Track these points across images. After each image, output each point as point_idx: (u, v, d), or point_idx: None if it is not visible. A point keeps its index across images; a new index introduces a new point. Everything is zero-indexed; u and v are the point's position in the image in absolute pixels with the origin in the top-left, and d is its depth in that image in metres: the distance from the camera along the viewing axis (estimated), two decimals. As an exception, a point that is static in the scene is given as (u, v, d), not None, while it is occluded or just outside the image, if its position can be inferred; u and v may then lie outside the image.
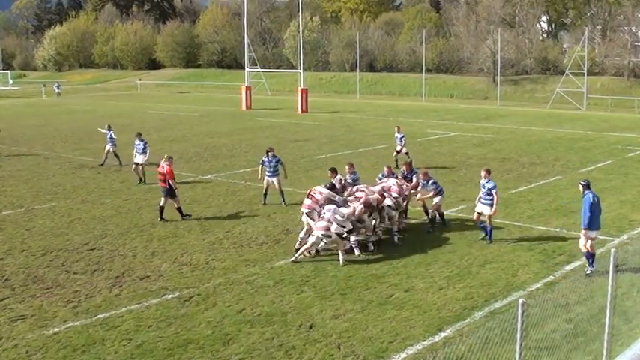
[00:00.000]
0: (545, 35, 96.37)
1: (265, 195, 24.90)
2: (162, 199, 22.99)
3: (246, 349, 13.32)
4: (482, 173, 19.92)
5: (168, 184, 22.76)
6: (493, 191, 19.45)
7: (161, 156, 24.78)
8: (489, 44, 77.69)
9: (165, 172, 22.78)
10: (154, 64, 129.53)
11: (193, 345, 13.55)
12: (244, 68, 73.05)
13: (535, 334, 12.92)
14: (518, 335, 9.67)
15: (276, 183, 24.72)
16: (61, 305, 15.80)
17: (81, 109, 69.54)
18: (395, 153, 32.52)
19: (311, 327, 14.24)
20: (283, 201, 24.56)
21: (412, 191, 21.70)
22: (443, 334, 13.82)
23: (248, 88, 67.31)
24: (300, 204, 19.92)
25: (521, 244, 19.69)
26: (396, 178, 21.51)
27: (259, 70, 77.67)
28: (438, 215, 21.58)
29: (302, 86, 63.52)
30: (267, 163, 24.83)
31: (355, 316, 14.71)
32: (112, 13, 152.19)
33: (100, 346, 13.68)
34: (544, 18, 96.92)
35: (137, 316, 15.00)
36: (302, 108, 61.23)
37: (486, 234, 19.94)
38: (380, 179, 21.67)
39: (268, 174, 24.73)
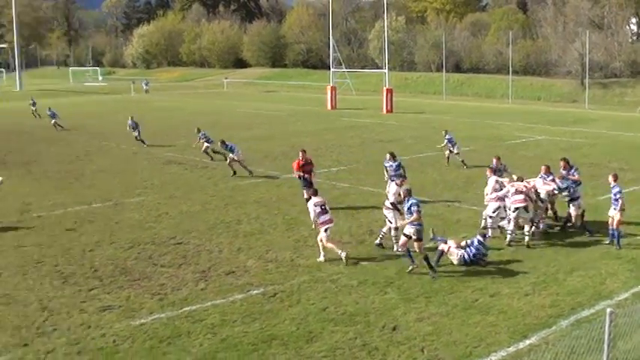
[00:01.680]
0: (635, 37, 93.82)
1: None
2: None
3: (330, 347, 13.36)
4: (610, 178, 19.68)
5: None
6: (618, 196, 19.16)
7: (247, 153, 25.07)
8: (577, 46, 75.92)
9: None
10: (241, 63, 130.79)
11: (277, 341, 13.66)
12: (329, 68, 73.18)
13: (623, 345, 12.58)
14: (606, 346, 9.47)
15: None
16: (147, 297, 16.14)
17: (168, 106, 70.78)
18: (447, 152, 32.57)
19: (394, 329, 14.20)
20: None
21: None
22: (528, 342, 13.60)
23: (333, 88, 67.44)
24: (382, 206, 19.87)
25: (610, 252, 19.21)
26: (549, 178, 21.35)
27: (344, 70, 77.72)
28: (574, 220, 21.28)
29: (387, 86, 63.36)
30: (389, 167, 24.96)
31: (439, 320, 14.60)
32: (199, 12, 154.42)
33: (186, 338, 13.92)
34: (633, 20, 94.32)
35: (222, 311, 15.20)
36: (387, 108, 61.08)
37: (614, 239, 19.53)
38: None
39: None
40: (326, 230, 18.53)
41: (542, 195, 20.96)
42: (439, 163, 32.58)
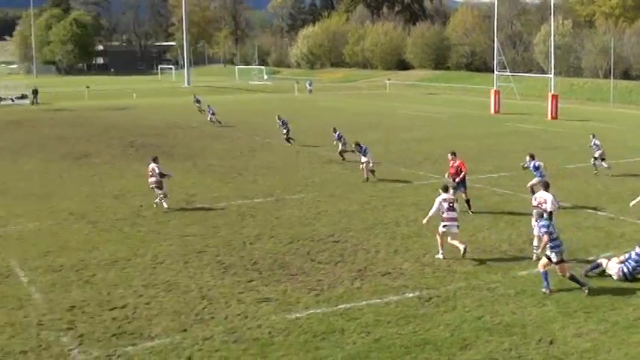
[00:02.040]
0: None
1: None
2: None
3: (484, 357, 13.11)
4: None
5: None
6: None
7: (406, 155, 25.02)
8: None
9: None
10: (403, 65, 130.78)
11: (430, 346, 13.53)
12: (493, 72, 71.98)
13: None
14: None
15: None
16: (304, 292, 16.37)
17: (331, 106, 71.61)
18: (592, 159, 31.52)
19: (551, 343, 13.75)
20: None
21: None
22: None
23: (497, 92, 66.25)
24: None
25: None
26: None
27: (509, 74, 76.25)
28: None
29: (552, 92, 61.61)
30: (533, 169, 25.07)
31: (598, 337, 14.00)
32: (362, 13, 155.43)
33: (340, 335, 14.02)
34: None
35: (377, 311, 15.21)
36: (552, 114, 59.41)
37: None
38: None
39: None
40: (445, 226, 18.82)
41: None
42: (602, 173, 31.37)
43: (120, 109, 69.77)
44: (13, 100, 79.80)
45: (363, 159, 30.19)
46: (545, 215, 17.59)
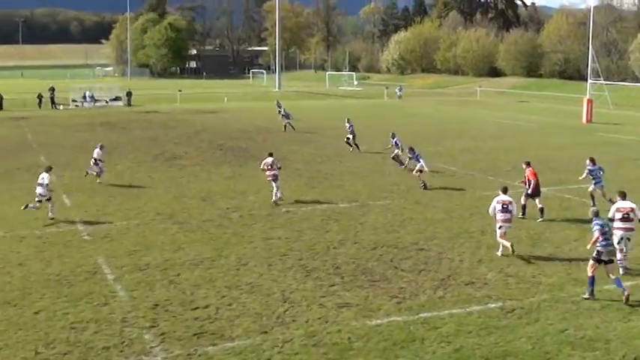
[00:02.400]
0: None
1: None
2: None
3: (567, 370, 12.82)
4: None
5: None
6: None
7: (494, 164, 24.73)
8: None
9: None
10: (495, 72, 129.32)
11: (511, 358, 13.34)
12: (587, 80, 70.52)
13: None
14: None
15: (599, 191, 25.22)
16: (386, 299, 16.30)
17: (420, 112, 71.21)
18: None
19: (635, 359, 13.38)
20: None
21: None
22: None
23: (589, 101, 64.70)
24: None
25: None
26: None
27: (603, 82, 74.56)
28: None
29: (648, 102, 59.97)
30: (592, 172, 25.56)
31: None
32: (455, 20, 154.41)
33: (419, 344, 13.91)
34: None
35: (458, 321, 15.04)
36: (646, 125, 57.82)
37: None
38: None
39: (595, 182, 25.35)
40: (500, 227, 19.92)
41: None
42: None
43: (211, 112, 70.88)
44: (107, 102, 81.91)
45: (418, 165, 30.25)
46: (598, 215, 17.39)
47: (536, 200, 24.20)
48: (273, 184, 26.81)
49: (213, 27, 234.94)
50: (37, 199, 24.19)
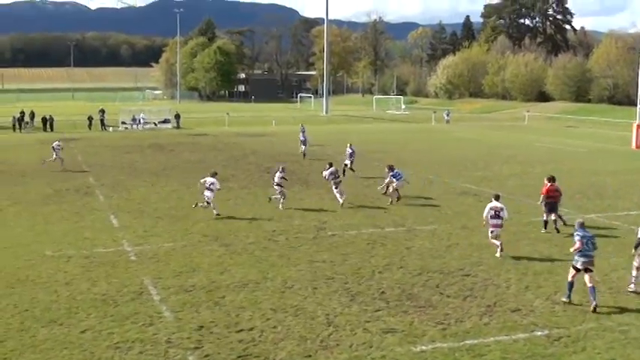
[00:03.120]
0: None
1: None
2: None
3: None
4: None
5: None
6: None
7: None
8: None
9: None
10: (543, 97, 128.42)
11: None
12: (636, 105, 69.58)
13: None
14: None
15: None
16: (430, 325, 16.21)
17: (468, 137, 70.87)
18: None
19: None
20: None
21: None
22: None
23: (639, 127, 63.90)
24: None
25: None
26: None
27: (653, 108, 73.47)
28: None
29: (701, 128, 58.93)
30: None
31: None
32: (504, 44, 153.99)
33: (465, 371, 13.79)
34: None
35: (504, 348, 14.90)
36: (699, 151, 56.80)
37: None
38: None
39: None
40: (492, 232, 22.37)
41: None
42: None
43: (259, 135, 71.35)
44: (156, 124, 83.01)
45: (397, 184, 31.62)
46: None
47: (552, 215, 25.82)
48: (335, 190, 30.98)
49: (262, 51, 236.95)
50: (206, 200, 28.77)
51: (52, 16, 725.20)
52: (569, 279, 17.74)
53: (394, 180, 31.88)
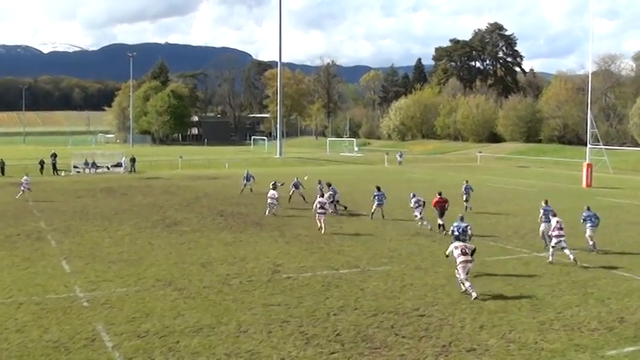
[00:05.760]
0: None
1: None
2: None
3: None
4: None
5: None
6: None
7: (495, 229, 24.70)
8: None
9: None
10: (495, 138, 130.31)
11: None
12: (586, 145, 70.89)
13: None
14: None
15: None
16: (386, 367, 16.12)
17: (420, 178, 71.44)
18: None
19: None
20: None
21: None
22: None
23: (589, 166, 65.00)
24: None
25: None
26: None
27: (602, 147, 74.94)
28: None
29: (648, 167, 60.13)
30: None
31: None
32: (455, 86, 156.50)
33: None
34: None
35: (460, 388, 14.86)
36: (646, 189, 57.86)
37: None
38: None
39: None
40: (463, 267, 22.57)
41: None
42: None
43: (212, 178, 71.15)
44: (108, 168, 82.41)
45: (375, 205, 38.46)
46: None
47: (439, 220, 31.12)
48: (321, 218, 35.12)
49: (215, 94, 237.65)
50: (271, 204, 40.67)
51: (3, 59, 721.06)
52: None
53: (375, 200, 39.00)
